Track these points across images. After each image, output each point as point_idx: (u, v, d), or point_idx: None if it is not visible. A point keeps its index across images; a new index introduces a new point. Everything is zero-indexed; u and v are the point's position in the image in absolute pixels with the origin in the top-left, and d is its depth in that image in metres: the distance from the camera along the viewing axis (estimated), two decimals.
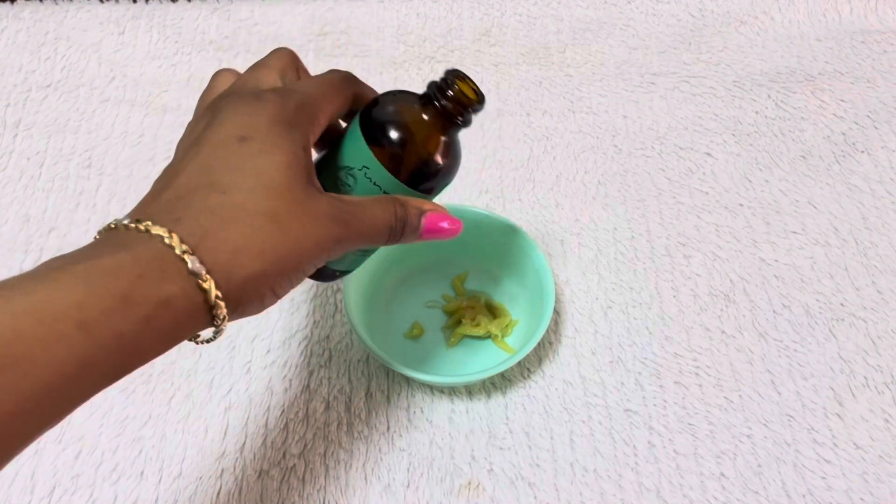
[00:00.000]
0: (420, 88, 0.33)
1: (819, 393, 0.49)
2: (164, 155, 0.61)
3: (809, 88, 0.66)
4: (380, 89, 0.51)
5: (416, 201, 0.34)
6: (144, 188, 0.60)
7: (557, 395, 0.49)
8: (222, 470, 0.46)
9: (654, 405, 0.49)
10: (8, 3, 0.69)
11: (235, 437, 0.47)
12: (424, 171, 0.33)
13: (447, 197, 0.59)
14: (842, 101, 0.65)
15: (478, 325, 0.50)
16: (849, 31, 0.70)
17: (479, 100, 0.33)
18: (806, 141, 0.63)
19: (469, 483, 0.46)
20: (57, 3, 0.69)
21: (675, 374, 0.50)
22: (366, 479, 0.46)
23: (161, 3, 0.70)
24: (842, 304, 0.53)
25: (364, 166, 0.32)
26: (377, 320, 0.50)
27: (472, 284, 0.53)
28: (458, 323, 0.51)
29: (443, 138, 0.33)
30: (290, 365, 0.50)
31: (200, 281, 0.27)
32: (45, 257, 0.54)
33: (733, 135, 0.63)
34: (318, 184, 0.32)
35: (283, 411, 0.48)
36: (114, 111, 0.63)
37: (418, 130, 0.32)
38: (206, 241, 0.27)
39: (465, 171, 0.60)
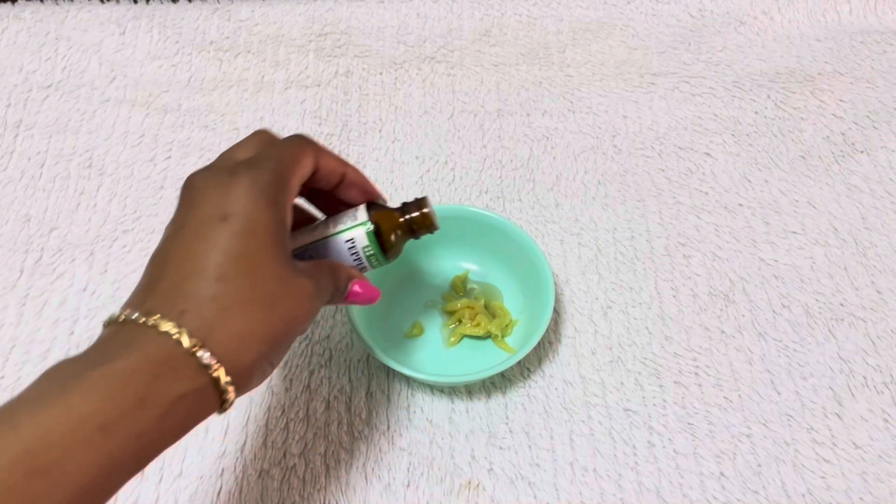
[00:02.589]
0: (419, 87, 0.34)
1: (818, 393, 0.49)
2: (164, 155, 0.61)
3: (809, 89, 0.66)
4: (380, 90, 0.52)
5: (348, 270, 0.38)
6: (145, 188, 0.60)
7: (557, 394, 0.49)
8: (223, 469, 0.46)
9: (654, 405, 0.49)
10: (9, 4, 0.70)
11: (236, 437, 0.47)
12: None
13: (447, 198, 0.59)
14: (841, 101, 0.65)
15: (478, 325, 0.50)
16: (848, 31, 0.70)
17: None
18: (805, 141, 0.63)
19: (469, 483, 0.46)
20: (58, 4, 0.70)
21: (674, 374, 0.50)
22: (366, 478, 0.46)
23: (162, 3, 0.70)
24: (841, 304, 0.53)
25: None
26: (377, 320, 0.50)
27: (473, 284, 0.53)
28: (458, 323, 0.51)
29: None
30: (291, 365, 0.50)
31: (211, 372, 0.28)
32: (46, 258, 0.55)
33: (733, 135, 0.63)
34: (290, 258, 0.33)
35: (284, 411, 0.48)
36: (114, 111, 0.63)
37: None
38: (213, 334, 0.29)
39: (466, 171, 0.60)
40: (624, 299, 0.53)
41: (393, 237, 0.40)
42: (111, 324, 0.30)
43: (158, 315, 0.28)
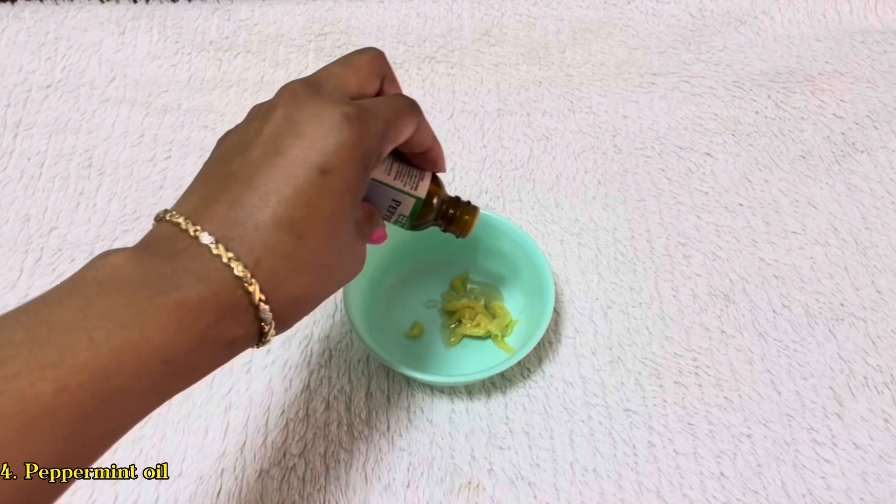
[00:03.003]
0: (419, 87, 0.35)
1: (819, 393, 0.49)
2: (163, 155, 0.61)
3: (809, 88, 0.66)
4: None
5: (379, 217, 0.38)
6: (144, 188, 0.60)
7: (557, 395, 0.49)
8: (222, 469, 0.46)
9: (654, 405, 0.49)
10: (8, 3, 0.70)
11: (235, 437, 0.47)
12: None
13: None
14: (842, 101, 0.65)
15: (478, 325, 0.50)
16: (849, 31, 0.70)
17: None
18: (806, 141, 0.63)
19: (469, 483, 0.46)
20: (57, 4, 0.70)
21: (674, 374, 0.50)
22: (366, 478, 0.46)
23: (161, 3, 0.70)
24: (841, 304, 0.53)
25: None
26: (377, 320, 0.50)
27: (473, 284, 0.53)
28: (458, 323, 0.51)
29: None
30: (291, 365, 0.50)
31: (263, 324, 0.29)
32: (46, 257, 0.55)
33: (733, 135, 0.63)
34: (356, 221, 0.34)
35: (284, 411, 0.48)
36: (114, 111, 0.63)
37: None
38: (277, 291, 0.29)
39: (465, 171, 0.60)
40: (624, 299, 0.53)
41: (430, 219, 0.41)
42: (176, 227, 0.29)
43: (233, 255, 0.28)
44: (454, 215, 0.41)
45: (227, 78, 0.66)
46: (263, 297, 0.29)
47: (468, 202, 0.42)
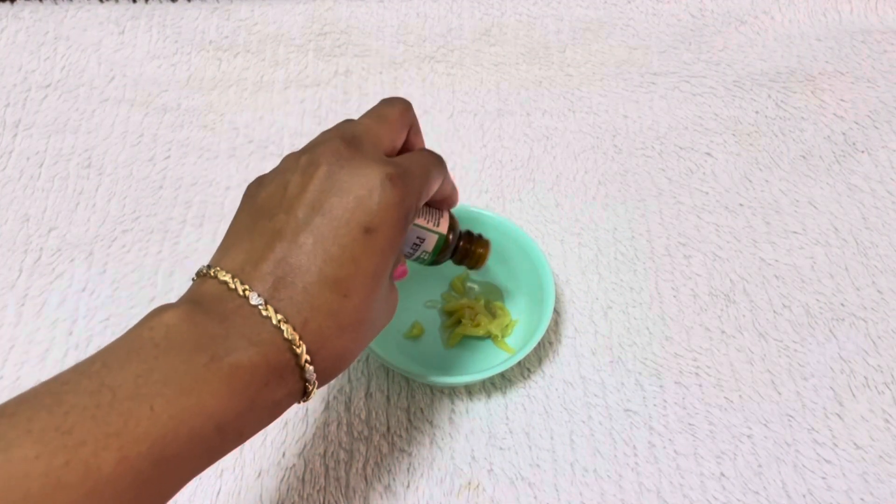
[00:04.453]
0: (419, 87, 0.36)
1: (819, 393, 0.49)
2: (163, 155, 0.61)
3: (810, 88, 0.66)
4: (380, 89, 0.52)
5: (402, 257, 0.40)
6: (144, 188, 0.60)
7: (557, 395, 0.49)
8: (222, 469, 0.46)
9: (654, 405, 0.48)
10: (7, 3, 0.69)
11: None
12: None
13: None
14: (842, 100, 0.65)
15: (478, 325, 0.50)
16: (849, 30, 0.70)
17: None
18: (806, 141, 0.63)
19: (469, 483, 0.45)
20: (57, 3, 0.69)
21: (675, 375, 0.50)
22: (366, 479, 0.46)
23: (161, 2, 0.70)
24: (842, 304, 0.53)
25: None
26: None
27: (473, 284, 0.53)
28: (458, 323, 0.51)
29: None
30: None
31: (308, 384, 0.30)
32: (45, 257, 0.54)
33: (733, 135, 0.63)
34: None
35: None
36: (113, 111, 0.63)
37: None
38: (322, 350, 0.30)
39: (465, 171, 0.60)
40: (624, 299, 0.53)
41: (448, 253, 0.42)
42: (224, 286, 0.29)
43: (283, 317, 0.29)
44: (468, 249, 0.43)
45: (226, 78, 0.66)
46: (309, 358, 0.29)
47: (479, 235, 0.44)
